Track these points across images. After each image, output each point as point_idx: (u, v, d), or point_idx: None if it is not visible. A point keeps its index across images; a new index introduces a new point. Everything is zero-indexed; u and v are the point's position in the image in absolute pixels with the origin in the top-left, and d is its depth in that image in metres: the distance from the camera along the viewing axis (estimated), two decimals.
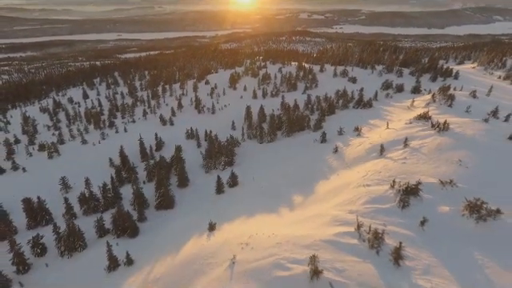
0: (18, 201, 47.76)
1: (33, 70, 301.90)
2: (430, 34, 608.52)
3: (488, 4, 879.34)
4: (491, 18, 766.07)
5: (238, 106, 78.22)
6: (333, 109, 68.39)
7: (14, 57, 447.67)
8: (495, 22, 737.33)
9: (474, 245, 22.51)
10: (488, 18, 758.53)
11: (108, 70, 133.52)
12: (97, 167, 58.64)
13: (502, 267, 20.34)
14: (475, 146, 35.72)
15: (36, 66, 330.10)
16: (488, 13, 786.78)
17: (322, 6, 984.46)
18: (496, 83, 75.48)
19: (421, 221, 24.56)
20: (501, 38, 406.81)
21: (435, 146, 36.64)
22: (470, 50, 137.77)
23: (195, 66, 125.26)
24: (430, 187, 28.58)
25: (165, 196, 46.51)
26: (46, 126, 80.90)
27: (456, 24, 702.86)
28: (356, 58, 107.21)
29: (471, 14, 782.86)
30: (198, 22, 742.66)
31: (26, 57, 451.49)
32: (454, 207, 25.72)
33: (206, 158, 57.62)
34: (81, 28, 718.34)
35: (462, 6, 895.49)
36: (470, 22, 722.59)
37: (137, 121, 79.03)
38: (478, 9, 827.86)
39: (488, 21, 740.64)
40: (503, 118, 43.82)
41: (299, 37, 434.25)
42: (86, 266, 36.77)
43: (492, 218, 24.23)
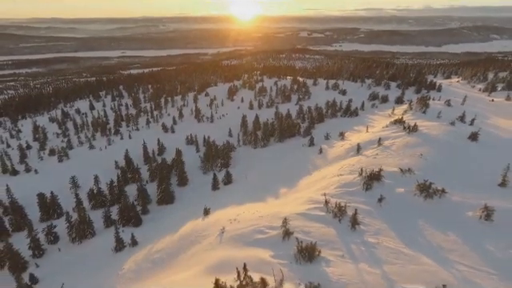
0: (31, 198, 52.81)
1: (38, 85, 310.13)
2: (427, 52, 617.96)
3: (485, 23, 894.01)
4: (488, 36, 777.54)
5: (235, 116, 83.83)
6: (322, 117, 73.96)
7: (19, 73, 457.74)
8: (492, 40, 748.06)
9: (420, 216, 27.41)
10: (485, 37, 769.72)
11: (113, 84, 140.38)
12: (103, 169, 63.72)
13: (438, 230, 25.22)
14: (437, 143, 40.95)
15: (41, 81, 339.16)
16: (485, 31, 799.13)
17: (321, 25, 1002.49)
18: (475, 94, 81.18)
19: (378, 198, 29.56)
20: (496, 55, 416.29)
21: (403, 144, 41.87)
22: (458, 66, 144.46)
23: (196, 80, 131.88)
24: (392, 175, 33.66)
25: (166, 192, 51.51)
26: (55, 134, 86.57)
27: (453, 42, 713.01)
28: (348, 72, 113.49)
29: (468, 33, 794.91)
30: (200, 40, 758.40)
31: (32, 73, 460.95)
32: (408, 188, 30.72)
33: (204, 160, 62.82)
34: (86, 45, 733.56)
35: (460, 25, 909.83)
36: (467, 41, 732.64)
37: (140, 129, 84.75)
38: (474, 28, 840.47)
39: (485, 39, 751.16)
40: (469, 122, 49.14)
41: (299, 54, 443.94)
42: (95, 249, 41.53)
43: (438, 196, 29.26)
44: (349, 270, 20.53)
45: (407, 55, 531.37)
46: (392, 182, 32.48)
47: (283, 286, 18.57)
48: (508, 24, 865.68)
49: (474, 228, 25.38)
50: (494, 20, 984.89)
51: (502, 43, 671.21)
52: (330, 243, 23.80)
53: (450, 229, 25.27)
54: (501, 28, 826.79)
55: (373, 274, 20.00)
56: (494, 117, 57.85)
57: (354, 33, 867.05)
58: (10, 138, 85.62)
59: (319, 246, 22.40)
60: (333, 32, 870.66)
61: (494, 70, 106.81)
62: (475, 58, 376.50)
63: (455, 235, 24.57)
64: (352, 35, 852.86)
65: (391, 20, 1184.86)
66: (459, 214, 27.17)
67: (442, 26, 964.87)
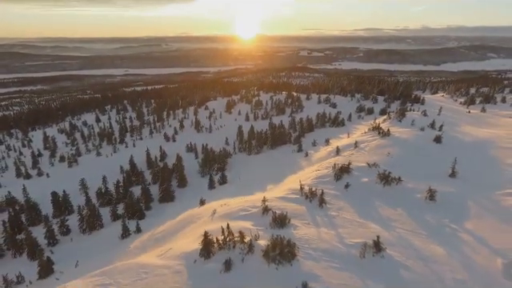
0: (44, 198, 58.63)
1: (43, 101, 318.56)
2: (425, 70, 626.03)
3: (482, 43, 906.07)
4: (485, 55, 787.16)
5: (232, 127, 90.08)
6: (312, 127, 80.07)
7: (24, 90, 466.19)
8: (489, 59, 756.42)
9: (377, 197, 33.01)
10: (482, 56, 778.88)
11: (118, 99, 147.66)
12: (110, 173, 69.42)
13: (389, 207, 30.84)
14: (405, 144, 46.84)
15: (46, 98, 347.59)
16: (482, 51, 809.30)
17: (321, 44, 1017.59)
18: (455, 107, 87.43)
19: (345, 185, 35.29)
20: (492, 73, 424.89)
21: (376, 145, 47.76)
22: (449, 83, 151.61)
23: (196, 95, 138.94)
24: (360, 168, 39.38)
25: (166, 191, 57.17)
26: (64, 143, 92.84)
27: (451, 61, 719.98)
28: (339, 87, 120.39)
29: (466, 52, 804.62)
30: (202, 59, 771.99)
31: (37, 90, 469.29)
32: (371, 178, 36.39)
33: (202, 165, 68.66)
34: (90, 64, 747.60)
35: (457, 45, 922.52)
36: (465, 59, 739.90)
37: (144, 138, 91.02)
38: (472, 47, 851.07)
39: (482, 58, 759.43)
40: (438, 129, 54.99)
41: (298, 72, 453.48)
42: (104, 238, 46.95)
43: (395, 183, 34.95)
44: (311, 231, 26.33)
45: (405, 73, 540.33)
46: (359, 173, 38.14)
47: (258, 240, 24.34)
48: (505, 43, 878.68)
49: (419, 205, 30.99)
50: (491, 39, 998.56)
51: (499, 62, 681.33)
52: (299, 216, 29.54)
53: (400, 206, 30.92)
54: (498, 47, 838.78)
55: (329, 234, 25.82)
56: (465, 125, 63.83)
57: (354, 52, 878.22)
58: (22, 147, 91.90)
59: (291, 218, 28.21)
60: (332, 51, 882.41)
61: (477, 86, 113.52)
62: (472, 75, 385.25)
63: (402, 210, 30.21)
64: (351, 54, 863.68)
65: (390, 39, 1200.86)
66: (410, 196, 32.80)
67: (440, 45, 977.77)
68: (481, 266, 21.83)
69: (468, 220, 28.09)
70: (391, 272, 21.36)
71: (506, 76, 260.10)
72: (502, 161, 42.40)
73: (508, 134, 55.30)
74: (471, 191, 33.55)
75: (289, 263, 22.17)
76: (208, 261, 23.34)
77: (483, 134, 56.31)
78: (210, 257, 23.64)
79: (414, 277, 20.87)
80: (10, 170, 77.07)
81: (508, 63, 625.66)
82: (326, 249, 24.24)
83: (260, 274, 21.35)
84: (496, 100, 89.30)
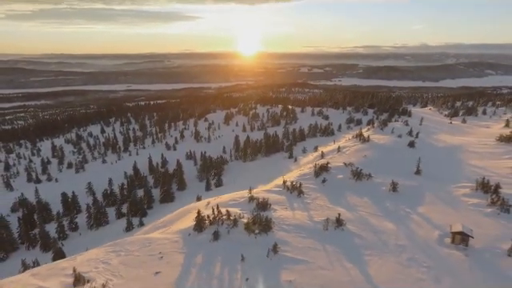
0: (53, 200, 63.86)
1: (47, 116, 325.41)
2: (424, 87, 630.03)
3: (480, 59, 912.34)
4: (483, 72, 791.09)
5: (229, 137, 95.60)
6: (303, 136, 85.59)
7: (28, 104, 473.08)
8: (487, 75, 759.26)
9: (349, 190, 38.19)
10: (480, 72, 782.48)
11: (122, 112, 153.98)
12: (114, 178, 74.57)
13: (357, 197, 36.01)
14: (381, 148, 52.22)
15: (50, 112, 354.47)
16: (480, 67, 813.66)
17: (321, 61, 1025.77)
18: (439, 118, 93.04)
19: (322, 180, 40.57)
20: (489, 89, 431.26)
21: (355, 149, 53.14)
22: (438, 98, 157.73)
23: (197, 108, 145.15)
24: (338, 167, 44.67)
25: (167, 192, 62.30)
26: (71, 152, 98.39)
27: (450, 77, 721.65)
28: (332, 101, 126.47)
29: (464, 69, 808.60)
30: (203, 75, 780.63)
31: (41, 105, 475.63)
32: (346, 175, 41.65)
33: (200, 170, 73.89)
34: (94, 79, 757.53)
35: (456, 61, 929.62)
36: (463, 76, 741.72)
37: (146, 147, 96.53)
38: (470, 63, 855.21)
39: (480, 74, 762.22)
40: (415, 136, 60.38)
41: (298, 88, 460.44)
42: (109, 232, 51.83)
43: (366, 178, 40.22)
44: (287, 213, 31.63)
45: (404, 89, 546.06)
46: (336, 171, 43.39)
47: (241, 218, 29.53)
48: (503, 60, 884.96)
49: (383, 195, 36.19)
50: (489, 57, 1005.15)
51: (497, 78, 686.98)
52: (279, 203, 34.83)
53: (366, 196, 36.14)
54: (496, 64, 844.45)
55: (301, 215, 31.09)
56: (442, 133, 69.26)
57: (353, 68, 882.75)
58: (31, 155, 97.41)
59: (272, 204, 33.51)
60: (332, 68, 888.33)
61: (462, 100, 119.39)
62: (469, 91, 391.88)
63: (368, 199, 35.43)
64: (351, 71, 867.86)
65: (389, 56, 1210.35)
66: (376, 188, 37.97)
67: (438, 62, 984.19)
68: (421, 236, 26.93)
69: (421, 206, 33.21)
70: (347, 240, 26.48)
71: (500, 92, 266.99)
72: (465, 162, 47.68)
73: (478, 140, 60.66)
74: (430, 185, 38.74)
75: (265, 234, 27.36)
76: (200, 234, 28.59)
77: (456, 140, 61.65)
78: (202, 231, 28.90)
79: (365, 243, 25.95)
80: (21, 176, 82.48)
81: (505, 80, 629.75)
82: (296, 224, 29.40)
83: (242, 242, 26.49)
84: (477, 112, 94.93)
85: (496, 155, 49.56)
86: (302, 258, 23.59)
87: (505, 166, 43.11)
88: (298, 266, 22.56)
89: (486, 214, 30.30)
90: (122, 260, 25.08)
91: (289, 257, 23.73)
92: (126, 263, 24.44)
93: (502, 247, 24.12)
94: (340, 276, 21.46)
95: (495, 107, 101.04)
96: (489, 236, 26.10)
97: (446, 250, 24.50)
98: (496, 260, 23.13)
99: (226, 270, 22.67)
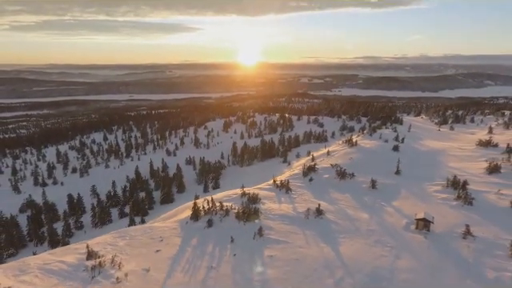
0: (59, 202, 67.49)
1: (49, 125, 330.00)
2: (423, 97, 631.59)
3: (480, 70, 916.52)
4: (482, 82, 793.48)
5: (227, 144, 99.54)
6: (298, 143, 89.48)
7: (31, 114, 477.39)
8: (486, 86, 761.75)
9: (333, 187, 41.89)
10: (479, 83, 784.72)
11: (124, 120, 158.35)
12: (117, 181, 78.25)
13: (340, 193, 39.68)
14: (367, 152, 56.05)
15: (52, 121, 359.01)
16: (479, 78, 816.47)
17: (321, 72, 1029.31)
18: (429, 126, 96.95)
19: (309, 179, 44.31)
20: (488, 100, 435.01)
21: (343, 153, 56.96)
22: (431, 107, 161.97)
23: (197, 117, 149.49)
24: (325, 168, 48.44)
25: (167, 194, 65.95)
26: (75, 158, 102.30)
27: (449, 88, 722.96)
28: (327, 109, 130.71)
29: (463, 79, 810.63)
30: (204, 85, 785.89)
31: (43, 114, 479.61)
32: (331, 175, 45.39)
33: (199, 174, 77.60)
34: (95, 89, 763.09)
35: (455, 72, 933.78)
36: (462, 87, 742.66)
37: (148, 153, 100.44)
38: (469, 74, 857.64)
39: (479, 85, 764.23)
40: (400, 140, 64.23)
41: (298, 98, 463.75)
42: (113, 229, 55.26)
43: (349, 178, 43.95)
44: (274, 205, 35.32)
45: (403, 99, 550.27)
46: (323, 172, 47.15)
47: (233, 209, 33.15)
48: (502, 71, 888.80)
49: (363, 192, 39.88)
50: (488, 67, 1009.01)
51: (496, 89, 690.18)
52: (269, 198, 38.51)
53: (348, 192, 39.85)
54: (495, 75, 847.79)
55: (287, 207, 34.82)
56: (428, 139, 73.11)
57: (353, 79, 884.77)
58: (37, 160, 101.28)
59: (262, 199, 37.20)
60: (332, 78, 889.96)
61: (453, 109, 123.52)
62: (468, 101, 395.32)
63: (349, 194, 39.13)
64: (351, 81, 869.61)
65: (389, 67, 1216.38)
66: (358, 186, 41.67)
67: (438, 72, 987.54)
68: (391, 223, 30.57)
69: (396, 200, 36.87)
70: (324, 226, 30.12)
71: (497, 102, 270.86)
72: (444, 163, 51.43)
73: (460, 145, 64.47)
74: (407, 183, 42.44)
75: (253, 221, 31.02)
76: (196, 222, 32.28)
77: (439, 145, 65.47)
78: (197, 220, 32.60)
79: (339, 228, 29.60)
80: (27, 180, 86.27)
81: (504, 90, 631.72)
82: (281, 214, 33.07)
83: (232, 228, 30.14)
84: (465, 120, 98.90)
85: (472, 158, 53.31)
86: (284, 240, 27.25)
87: (478, 167, 46.87)
88: (279, 246, 26.20)
89: (451, 206, 33.96)
90: (127, 242, 28.72)
91: (272, 238, 27.38)
92: (131, 245, 28.08)
93: (458, 231, 27.72)
94: (314, 252, 25.07)
95: (483, 115, 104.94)
96: (449, 223, 29.73)
97: (410, 234, 28.12)
98: (451, 241, 26.73)
99: (217, 248, 26.31)
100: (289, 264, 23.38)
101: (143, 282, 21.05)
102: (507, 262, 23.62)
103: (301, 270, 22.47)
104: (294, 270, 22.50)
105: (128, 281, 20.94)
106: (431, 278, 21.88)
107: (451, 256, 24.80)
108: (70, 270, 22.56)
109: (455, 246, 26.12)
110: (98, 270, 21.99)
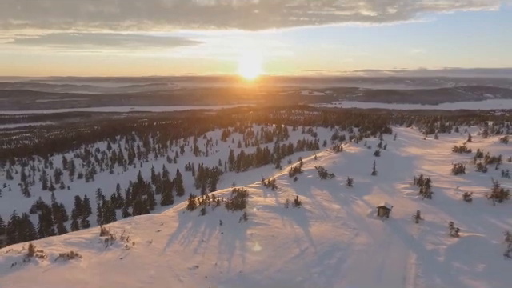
0: (67, 204, 72.75)
1: (52, 136, 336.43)
2: (422, 109, 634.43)
3: (479, 83, 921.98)
4: (482, 95, 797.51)
5: (225, 152, 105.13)
6: (291, 151, 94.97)
7: (34, 125, 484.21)
8: (486, 99, 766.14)
9: (314, 185, 47.17)
10: (479, 96, 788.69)
11: (126, 130, 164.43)
12: (121, 185, 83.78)
13: (320, 190, 44.98)
14: (350, 156, 61.45)
15: (55, 133, 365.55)
16: (479, 91, 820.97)
17: (322, 84, 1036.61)
18: (415, 135, 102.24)
19: (294, 178, 49.69)
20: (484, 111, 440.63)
21: (328, 157, 62.36)
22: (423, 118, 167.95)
23: (197, 127, 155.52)
24: (310, 170, 53.78)
25: (167, 196, 71.24)
26: (81, 165, 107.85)
27: (449, 101, 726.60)
28: (321, 120, 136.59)
29: (463, 92, 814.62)
30: (205, 97, 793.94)
31: (46, 125, 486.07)
32: (314, 175, 50.75)
33: (197, 179, 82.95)
34: (98, 101, 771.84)
35: (455, 85, 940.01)
36: (462, 99, 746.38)
37: (150, 160, 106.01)
38: (469, 87, 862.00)
39: (479, 98, 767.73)
40: (383, 147, 69.65)
41: (298, 110, 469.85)
42: None
43: (329, 177, 49.33)
44: (260, 199, 40.68)
45: (403, 112, 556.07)
46: (307, 173, 52.50)
47: (224, 200, 38.41)
48: (501, 84, 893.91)
49: (340, 189, 45.15)
50: (488, 81, 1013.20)
51: (496, 102, 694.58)
52: (256, 194, 43.82)
53: (326, 189, 45.12)
54: (494, 88, 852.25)
55: (271, 200, 40.15)
56: (411, 147, 78.42)
57: (353, 92, 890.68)
58: (44, 167, 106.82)
59: (250, 194, 42.50)
60: (333, 91, 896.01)
61: (441, 120, 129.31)
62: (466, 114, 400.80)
63: (327, 191, 44.39)
64: (351, 94, 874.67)
65: (389, 80, 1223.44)
66: (336, 184, 46.98)
67: (437, 85, 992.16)
68: (357, 212, 35.84)
69: (367, 195, 42.11)
70: (300, 213, 35.41)
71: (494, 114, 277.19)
72: (418, 167, 56.68)
73: (438, 152, 69.80)
74: (381, 182, 47.72)
75: (240, 210, 36.29)
76: (192, 211, 37.61)
77: (419, 152, 70.81)
78: (193, 209, 37.91)
79: (313, 215, 34.88)
80: (36, 184, 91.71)
81: (504, 103, 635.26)
82: (265, 205, 38.40)
83: (222, 215, 35.41)
84: (451, 130, 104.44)
85: (445, 162, 58.57)
86: (264, 223, 32.54)
87: (447, 169, 52.12)
88: (259, 227, 31.48)
89: (413, 199, 39.19)
90: (133, 226, 33.95)
91: (255, 221, 32.69)
92: (136, 227, 33.33)
93: (412, 217, 32.96)
94: (288, 232, 30.36)
95: (468, 126, 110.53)
96: (407, 212, 34.93)
97: (371, 220, 33.37)
98: (404, 224, 31.95)
99: (208, 229, 31.61)
100: (265, 239, 28.68)
101: (147, 249, 26.42)
102: (445, 238, 28.81)
103: (274, 243, 27.79)
104: (269, 243, 27.82)
105: (135, 248, 26.32)
106: (380, 248, 27.15)
107: (401, 234, 29.98)
108: (88, 242, 27.87)
109: (407, 227, 31.31)
110: (110, 242, 27.35)
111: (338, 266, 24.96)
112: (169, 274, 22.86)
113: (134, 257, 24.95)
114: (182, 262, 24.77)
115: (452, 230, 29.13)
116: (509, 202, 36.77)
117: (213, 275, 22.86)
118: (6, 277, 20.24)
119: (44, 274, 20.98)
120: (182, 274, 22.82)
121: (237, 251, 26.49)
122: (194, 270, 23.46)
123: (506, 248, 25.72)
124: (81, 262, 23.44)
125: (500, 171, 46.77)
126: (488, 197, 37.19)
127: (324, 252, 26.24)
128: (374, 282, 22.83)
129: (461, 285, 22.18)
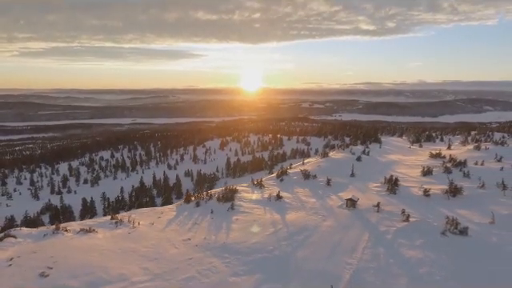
0: (74, 206, 78.72)
1: (55, 147, 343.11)
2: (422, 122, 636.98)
3: (479, 96, 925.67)
4: (482, 108, 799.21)
5: (223, 160, 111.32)
6: (285, 158, 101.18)
7: (37, 136, 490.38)
8: (486, 111, 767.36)
9: (298, 185, 53.07)
10: (479, 108, 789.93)
11: (129, 140, 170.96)
12: (124, 190, 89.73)
13: (302, 188, 50.92)
14: (334, 161, 67.55)
15: (57, 144, 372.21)
16: (479, 104, 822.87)
17: (322, 97, 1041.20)
18: (402, 144, 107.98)
19: (280, 179, 55.74)
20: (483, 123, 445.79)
21: (314, 162, 68.47)
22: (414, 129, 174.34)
23: (196, 137, 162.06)
24: (295, 172, 59.81)
25: (167, 198, 77.10)
26: (86, 172, 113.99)
27: (449, 113, 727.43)
28: (315, 130, 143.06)
29: (463, 105, 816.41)
30: (207, 109, 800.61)
31: (48, 137, 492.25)
32: (299, 177, 56.77)
33: (196, 184, 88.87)
34: (100, 113, 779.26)
35: (454, 98, 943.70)
36: (461, 112, 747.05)
37: (151, 167, 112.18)
38: (469, 100, 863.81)
39: (479, 110, 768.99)
40: (366, 153, 75.73)
41: (298, 122, 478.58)
42: None
43: (312, 178, 55.35)
44: (248, 194, 46.77)
45: (402, 124, 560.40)
46: (293, 175, 58.52)
47: (215, 195, 44.43)
48: (501, 97, 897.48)
49: (320, 187, 51.07)
50: (488, 93, 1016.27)
51: (496, 114, 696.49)
52: (245, 191, 49.85)
53: (308, 188, 51.06)
54: (494, 100, 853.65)
55: (257, 195, 46.22)
56: (395, 154, 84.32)
57: (353, 104, 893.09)
58: (51, 174, 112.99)
59: (239, 191, 48.46)
60: (333, 103, 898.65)
61: (430, 130, 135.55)
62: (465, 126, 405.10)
63: (308, 189, 50.32)
64: (351, 106, 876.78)
65: (389, 93, 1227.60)
66: (317, 183, 52.94)
67: (437, 98, 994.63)
68: (329, 204, 41.76)
69: (342, 192, 47.98)
70: (280, 205, 41.35)
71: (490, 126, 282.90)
72: (394, 170, 62.56)
73: (417, 158, 75.79)
74: (357, 182, 53.68)
75: (229, 202, 42.24)
76: (188, 204, 43.59)
77: (400, 158, 76.83)
78: (189, 203, 43.92)
79: (291, 206, 40.82)
80: (44, 189, 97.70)
81: (504, 115, 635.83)
82: (251, 199, 44.42)
83: (214, 206, 41.36)
84: (436, 139, 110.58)
85: (419, 166, 64.37)
86: (248, 211, 38.51)
87: (418, 172, 58.10)
88: (244, 214, 37.46)
89: (380, 195, 45.07)
90: (137, 215, 39.95)
91: (240, 211, 38.68)
92: (140, 216, 39.32)
93: (375, 208, 38.90)
94: (267, 217, 36.32)
95: (452, 135, 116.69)
96: (372, 204, 40.83)
97: (340, 209, 39.29)
98: (367, 213, 37.80)
99: (201, 216, 37.58)
100: (247, 222, 34.68)
101: (150, 228, 32.51)
102: (398, 222, 34.64)
103: (254, 225, 33.78)
104: (250, 225, 33.81)
105: (140, 227, 32.37)
106: (342, 229, 33.02)
107: (362, 220, 35.82)
108: (101, 224, 33.89)
109: (368, 215, 37.14)
110: (119, 223, 33.43)
111: (304, 240, 30.83)
112: (167, 243, 28.88)
113: (139, 232, 31.05)
114: (178, 236, 30.82)
115: (403, 215, 35.08)
116: (461, 197, 42.74)
117: (202, 245, 28.83)
118: (43, 242, 26.37)
119: (71, 241, 27.09)
120: (177, 244, 28.82)
121: (223, 230, 32.51)
122: (186, 241, 29.48)
123: (443, 228, 31.64)
124: (97, 234, 29.58)
125: (462, 172, 52.81)
126: (444, 192, 43.17)
127: (294, 231, 32.17)
128: (330, 251, 28.72)
129: (399, 253, 28.04)
